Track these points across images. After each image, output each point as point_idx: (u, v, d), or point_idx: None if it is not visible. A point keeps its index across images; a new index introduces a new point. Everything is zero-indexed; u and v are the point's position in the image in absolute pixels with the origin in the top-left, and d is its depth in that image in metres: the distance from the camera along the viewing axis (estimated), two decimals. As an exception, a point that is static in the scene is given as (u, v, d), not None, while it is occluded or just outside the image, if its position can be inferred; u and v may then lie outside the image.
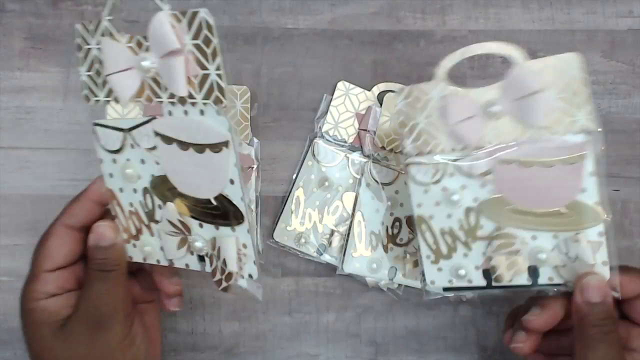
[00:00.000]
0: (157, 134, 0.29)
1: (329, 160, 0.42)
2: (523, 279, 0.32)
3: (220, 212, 0.29)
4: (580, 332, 0.30)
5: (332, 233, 0.41)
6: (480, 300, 0.41)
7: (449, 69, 0.31)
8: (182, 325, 0.42)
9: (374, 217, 0.41)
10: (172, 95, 0.28)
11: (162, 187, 0.30)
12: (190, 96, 0.27)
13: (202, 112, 0.27)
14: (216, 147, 0.28)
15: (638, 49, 0.44)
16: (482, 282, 0.32)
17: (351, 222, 0.41)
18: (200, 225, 0.30)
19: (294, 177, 0.42)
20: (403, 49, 0.44)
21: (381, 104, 0.42)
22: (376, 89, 0.43)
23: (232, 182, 0.28)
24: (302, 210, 0.41)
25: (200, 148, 0.28)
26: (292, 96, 0.43)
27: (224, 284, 0.30)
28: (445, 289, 0.34)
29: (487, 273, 0.32)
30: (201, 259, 0.31)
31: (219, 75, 0.26)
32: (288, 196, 0.42)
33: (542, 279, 0.31)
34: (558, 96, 0.29)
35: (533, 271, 0.31)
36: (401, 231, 0.41)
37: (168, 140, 0.29)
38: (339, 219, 0.42)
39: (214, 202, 0.29)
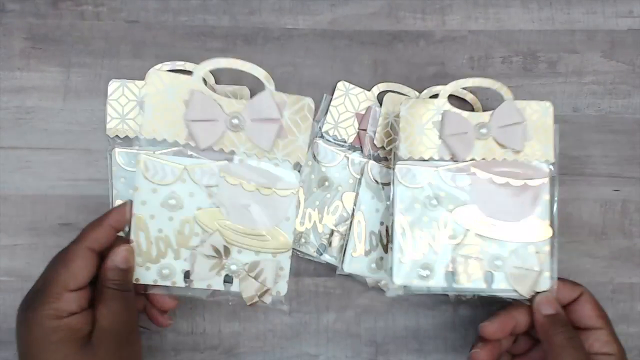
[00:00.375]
0: (221, 174, 0.35)
1: (329, 160, 0.42)
2: (480, 283, 0.36)
3: (265, 241, 0.35)
4: (548, 344, 0.34)
5: (332, 233, 0.41)
6: (480, 300, 0.41)
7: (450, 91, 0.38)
8: (182, 325, 0.42)
9: (374, 217, 0.41)
10: (251, 148, 0.35)
11: (211, 218, 0.35)
12: (270, 152, 0.35)
13: (276, 165, 0.36)
14: (284, 192, 0.35)
15: (638, 49, 0.44)
16: (444, 284, 0.36)
17: (351, 222, 0.41)
18: (239, 251, 0.35)
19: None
20: (403, 49, 0.44)
21: (381, 104, 0.42)
22: (376, 89, 0.43)
23: (287, 219, 0.36)
24: (302, 210, 0.41)
25: (268, 191, 0.35)
26: (292, 96, 0.43)
27: (256, 300, 0.35)
28: (405, 287, 0.37)
29: (450, 275, 0.36)
30: (226, 280, 0.35)
31: (305, 143, 0.36)
32: (288, 196, 0.42)
33: (496, 285, 0.36)
34: (532, 130, 0.37)
35: (489, 277, 0.36)
36: (401, 231, 0.41)
37: (233, 180, 0.35)
38: (339, 219, 0.42)
39: (265, 234, 0.35)
